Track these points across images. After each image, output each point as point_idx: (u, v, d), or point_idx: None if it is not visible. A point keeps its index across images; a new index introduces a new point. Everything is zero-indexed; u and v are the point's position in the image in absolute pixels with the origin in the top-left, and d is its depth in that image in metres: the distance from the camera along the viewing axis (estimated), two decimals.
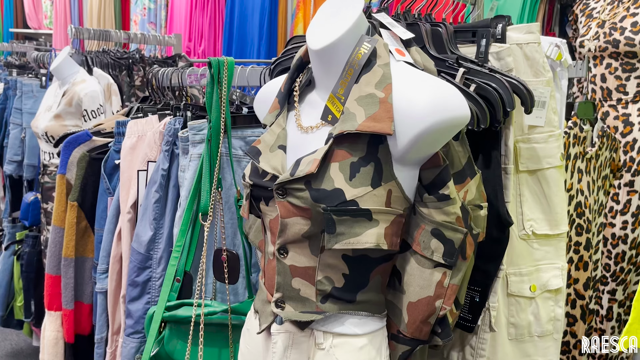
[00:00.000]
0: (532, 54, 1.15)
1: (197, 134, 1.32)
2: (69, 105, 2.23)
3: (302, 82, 1.09)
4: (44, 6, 5.57)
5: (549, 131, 1.17)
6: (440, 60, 1.10)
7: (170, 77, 1.61)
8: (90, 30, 2.42)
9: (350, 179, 0.93)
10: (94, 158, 1.56)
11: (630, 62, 2.01)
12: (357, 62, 0.98)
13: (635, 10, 2.00)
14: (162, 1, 4.15)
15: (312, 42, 1.01)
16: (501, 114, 1.02)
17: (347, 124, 0.94)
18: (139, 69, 2.37)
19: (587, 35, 2.13)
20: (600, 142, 1.63)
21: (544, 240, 1.20)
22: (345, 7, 1.02)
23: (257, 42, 3.25)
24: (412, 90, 0.93)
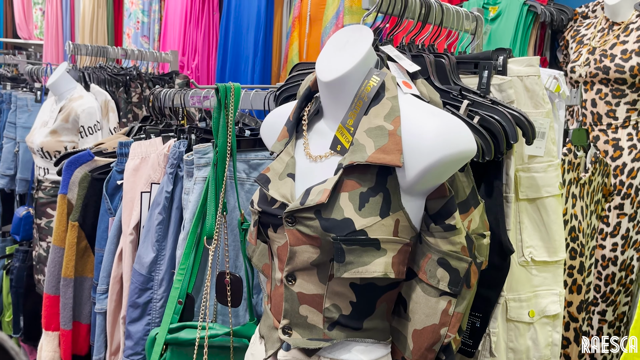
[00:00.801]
0: (532, 86, 1.19)
1: (202, 158, 1.34)
2: (65, 121, 2.23)
3: (310, 111, 1.11)
4: (35, 16, 5.55)
5: (548, 161, 1.20)
6: (444, 91, 1.13)
7: (172, 98, 1.62)
8: (87, 46, 2.42)
9: (360, 208, 0.95)
10: (96, 178, 1.56)
11: (620, 89, 2.07)
12: (366, 94, 1.00)
13: (625, 38, 2.07)
14: (155, 15, 4.16)
15: (322, 74, 1.04)
16: (504, 146, 1.06)
17: (357, 155, 0.96)
18: (137, 86, 2.38)
19: (578, 61, 2.19)
20: (593, 168, 1.67)
21: (543, 267, 1.23)
22: (354, 40, 1.05)
23: (251, 58, 3.27)
24: (421, 123, 0.95)
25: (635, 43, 2.03)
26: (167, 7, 3.92)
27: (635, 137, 2.07)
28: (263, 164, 1.44)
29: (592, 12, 2.33)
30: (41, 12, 5.48)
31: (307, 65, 1.37)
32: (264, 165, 1.44)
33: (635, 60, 2.01)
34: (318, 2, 2.91)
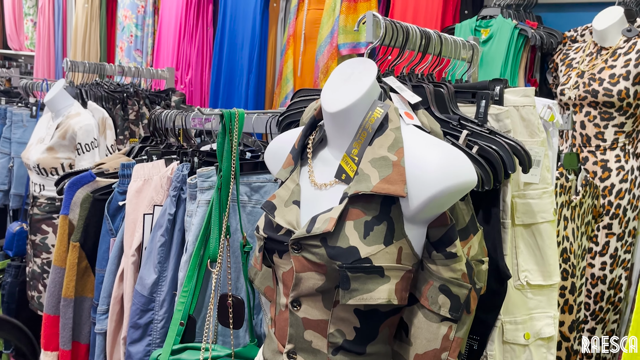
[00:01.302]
0: (528, 116, 1.23)
1: (205, 181, 1.36)
2: (62, 138, 2.24)
3: (315, 139, 1.14)
4: (26, 27, 5.54)
5: (543, 188, 1.25)
6: (444, 121, 1.17)
7: (173, 119, 1.64)
8: (85, 63, 2.44)
9: (365, 237, 0.98)
10: (98, 199, 1.58)
11: (608, 112, 2.13)
12: (370, 125, 1.04)
13: (613, 63, 2.13)
14: (149, 29, 4.18)
15: (328, 104, 1.07)
16: (502, 176, 1.09)
17: (362, 185, 0.99)
18: (133, 103, 2.40)
19: (568, 84, 2.25)
20: (584, 191, 1.72)
21: (537, 290, 1.27)
22: (358, 72, 1.08)
23: (246, 74, 3.31)
24: (423, 155, 0.99)
25: (622, 68, 2.09)
26: (160, 22, 3.94)
27: (622, 159, 2.13)
28: (264, 186, 1.47)
29: (581, 36, 2.40)
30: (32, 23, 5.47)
31: (308, 91, 1.41)
32: (265, 188, 1.47)
33: (623, 85, 2.07)
34: (313, 21, 2.96)
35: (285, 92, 3.08)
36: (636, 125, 2.15)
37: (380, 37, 1.15)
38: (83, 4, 4.45)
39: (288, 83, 3.07)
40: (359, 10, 2.86)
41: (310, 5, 2.97)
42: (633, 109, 2.11)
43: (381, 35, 1.14)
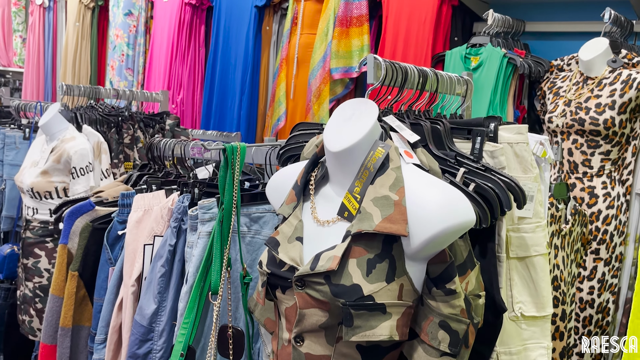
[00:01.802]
0: (521, 152, 1.28)
1: (206, 213, 1.38)
2: (57, 162, 2.24)
3: (317, 176, 1.17)
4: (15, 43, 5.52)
5: (536, 222, 1.29)
6: (442, 159, 1.21)
7: (172, 148, 1.67)
8: (80, 87, 2.45)
9: (367, 274, 1.01)
10: (97, 228, 1.58)
11: (594, 140, 2.20)
12: (372, 165, 1.07)
13: (599, 93, 2.20)
14: (140, 48, 4.20)
15: (331, 144, 1.11)
16: (499, 213, 1.13)
17: (364, 224, 1.02)
18: (128, 127, 2.41)
19: (555, 112, 2.32)
20: (573, 219, 1.77)
21: (531, 322, 1.31)
22: (360, 112, 1.12)
23: (238, 96, 3.34)
24: (424, 195, 1.02)
25: (608, 97, 2.16)
26: (152, 41, 3.97)
27: (609, 186, 2.19)
28: (263, 216, 1.49)
29: (567, 65, 2.47)
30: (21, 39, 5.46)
31: (307, 125, 1.44)
32: (265, 218, 1.50)
33: (609, 114, 2.14)
34: (305, 46, 3.01)
35: (278, 115, 3.12)
36: (621, 153, 2.21)
37: (381, 78, 1.18)
38: (74, 23, 4.47)
39: (281, 105, 3.10)
40: (351, 36, 2.92)
41: (303, 30, 3.02)
42: (618, 137, 2.17)
43: (382, 77, 1.18)
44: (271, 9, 3.34)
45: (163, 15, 3.86)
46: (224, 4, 3.43)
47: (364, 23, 2.91)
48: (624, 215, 2.19)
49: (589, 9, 2.66)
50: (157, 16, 3.93)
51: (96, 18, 4.53)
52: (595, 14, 2.60)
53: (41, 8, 4.75)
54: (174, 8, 3.76)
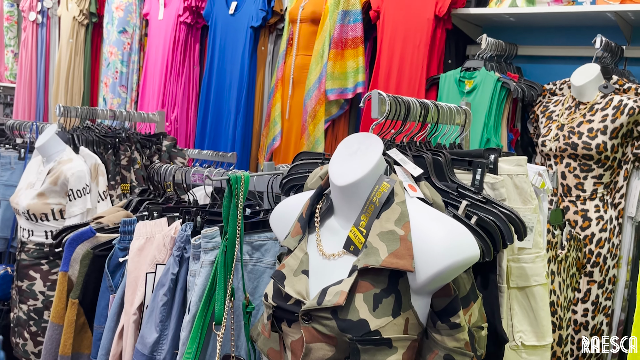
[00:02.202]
0: (521, 184, 1.30)
1: (209, 242, 1.39)
2: (54, 184, 2.24)
3: (322, 209, 1.19)
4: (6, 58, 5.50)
5: (536, 252, 1.31)
6: (444, 191, 1.23)
7: (173, 174, 1.67)
8: (77, 108, 2.46)
9: (374, 309, 1.02)
10: (98, 255, 1.58)
11: (587, 164, 2.24)
12: (377, 199, 1.09)
13: (591, 118, 2.24)
14: (134, 65, 4.21)
15: (336, 178, 1.12)
16: (501, 246, 1.15)
17: (371, 259, 1.04)
18: (126, 149, 2.41)
19: (548, 135, 2.36)
20: (569, 245, 1.80)
21: (532, 350, 1.32)
22: (365, 147, 1.14)
23: (233, 115, 3.35)
24: (429, 230, 1.04)
25: (600, 122, 2.20)
26: (147, 59, 3.98)
27: (602, 209, 2.22)
28: (265, 244, 1.50)
29: (560, 89, 2.51)
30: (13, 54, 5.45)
31: (309, 154, 1.46)
32: (266, 246, 1.51)
33: (601, 139, 2.18)
34: (301, 67, 3.03)
35: (273, 134, 3.13)
36: (613, 177, 2.25)
37: (385, 113, 1.21)
38: (67, 39, 4.47)
39: (276, 125, 3.12)
40: (346, 58, 2.95)
41: (299, 51, 3.04)
42: (610, 161, 2.21)
43: (386, 112, 1.21)
44: (266, 29, 3.37)
45: (158, 33, 3.87)
46: (220, 24, 3.45)
47: (359, 45, 2.95)
48: (616, 238, 2.22)
49: (579, 34, 2.71)
50: (152, 34, 3.94)
51: (90, 35, 4.53)
52: (585, 39, 2.65)
53: (34, 24, 4.75)
54: (169, 26, 3.78)
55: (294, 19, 3.06)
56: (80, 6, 4.42)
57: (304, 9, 3.01)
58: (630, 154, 2.23)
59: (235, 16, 3.37)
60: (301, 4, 3.03)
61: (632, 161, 2.24)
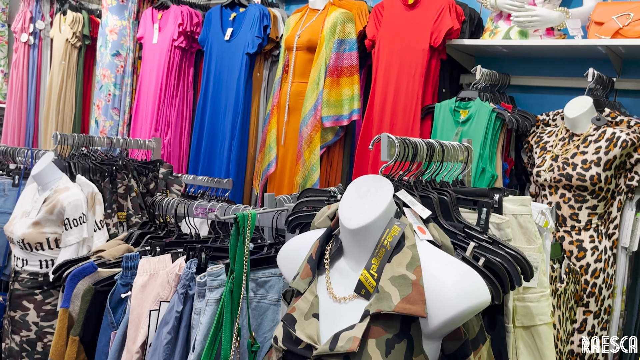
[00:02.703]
0: (525, 224, 1.32)
1: (215, 280, 1.38)
2: (49, 213, 2.22)
3: (331, 250, 1.19)
4: None
5: (541, 292, 1.33)
6: (451, 232, 1.24)
7: (175, 207, 1.67)
8: (74, 136, 2.44)
9: (386, 355, 1.03)
10: (99, 291, 1.57)
11: (581, 194, 2.27)
12: (389, 242, 1.10)
13: (585, 149, 2.28)
14: (127, 88, 4.21)
15: (347, 221, 1.13)
16: (509, 289, 1.17)
17: (383, 304, 1.04)
18: (123, 177, 2.40)
19: (543, 166, 2.39)
20: (568, 278, 1.82)
21: None
22: (375, 189, 1.15)
23: (228, 140, 3.36)
24: (440, 275, 1.05)
25: (593, 154, 2.24)
26: (140, 82, 3.97)
27: (596, 239, 2.25)
28: (269, 281, 1.50)
29: (553, 120, 2.56)
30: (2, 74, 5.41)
31: (314, 191, 1.47)
32: (270, 282, 1.50)
33: (595, 170, 2.22)
34: (297, 94, 3.05)
35: (269, 160, 3.14)
36: (607, 208, 2.29)
37: (395, 156, 1.22)
38: (60, 61, 4.46)
39: (271, 151, 3.13)
40: (342, 85, 2.98)
41: (295, 78, 3.07)
42: (604, 192, 2.25)
43: (395, 155, 1.22)
44: (262, 55, 3.40)
45: (152, 57, 3.88)
46: (215, 50, 3.47)
47: (354, 73, 2.98)
48: (611, 268, 2.25)
49: (571, 66, 2.78)
50: (146, 58, 3.94)
51: (83, 57, 4.53)
52: (577, 71, 2.72)
53: (26, 45, 4.74)
54: (164, 50, 3.79)
55: (290, 46, 3.09)
56: (73, 29, 4.42)
57: (300, 37, 3.04)
58: (623, 185, 2.27)
59: (231, 42, 3.39)
60: (297, 32, 3.07)
61: (625, 192, 2.28)
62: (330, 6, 3.05)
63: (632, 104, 2.64)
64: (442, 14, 2.68)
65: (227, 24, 3.44)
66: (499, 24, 2.70)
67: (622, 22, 2.33)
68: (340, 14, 2.95)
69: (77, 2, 4.70)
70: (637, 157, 2.21)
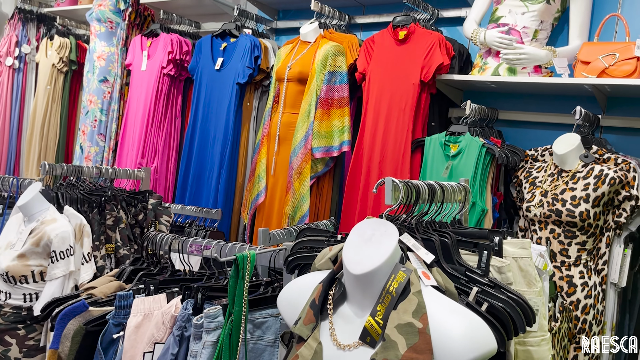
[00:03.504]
0: (526, 267, 1.33)
1: (212, 322, 1.36)
2: (36, 245, 2.17)
3: (335, 295, 1.18)
4: None
5: (541, 335, 1.33)
6: (454, 277, 1.24)
7: (169, 244, 1.64)
8: (63, 166, 2.41)
9: None
10: (90, 331, 1.52)
11: (571, 230, 2.29)
12: (394, 289, 1.09)
13: (574, 186, 2.31)
14: (114, 114, 4.17)
15: (352, 266, 1.12)
16: (512, 335, 1.16)
17: (390, 353, 1.03)
18: (112, 208, 2.36)
19: (533, 201, 2.42)
20: (561, 317, 1.83)
21: None
22: (379, 234, 1.15)
23: (217, 168, 3.34)
24: (447, 323, 1.05)
25: (582, 191, 2.28)
26: (127, 108, 3.95)
27: (586, 275, 2.27)
28: (266, 321, 1.47)
29: (541, 156, 2.60)
30: None
31: (313, 231, 1.46)
32: (267, 323, 1.48)
33: (584, 207, 2.25)
34: (287, 124, 3.06)
35: (258, 190, 3.13)
36: (596, 244, 2.31)
37: (400, 199, 1.22)
38: (45, 86, 4.42)
39: (261, 181, 3.12)
40: (332, 117, 3.00)
41: (285, 109, 3.08)
42: (593, 228, 2.28)
43: (400, 198, 1.22)
44: (252, 85, 3.41)
45: (140, 84, 3.86)
46: (205, 79, 3.47)
47: (344, 105, 3.00)
48: (601, 304, 2.27)
49: (558, 102, 2.84)
50: (134, 84, 3.92)
51: (69, 82, 4.50)
52: (563, 107, 2.78)
53: (11, 69, 4.69)
54: (152, 78, 3.78)
55: (281, 77, 3.11)
56: (60, 54, 4.39)
57: (291, 69, 3.06)
58: (612, 221, 2.30)
59: (221, 72, 3.40)
60: (288, 64, 3.09)
61: (614, 229, 2.31)
62: (322, 39, 3.08)
63: (617, 141, 2.70)
64: (433, 49, 2.73)
65: (218, 54, 3.45)
66: (488, 60, 2.76)
67: (608, 62, 2.40)
68: (332, 47, 2.98)
69: (65, 27, 4.69)
70: (625, 194, 2.25)
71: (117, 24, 4.15)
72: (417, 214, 1.33)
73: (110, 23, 4.12)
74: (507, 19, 2.71)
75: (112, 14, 4.12)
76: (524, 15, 2.68)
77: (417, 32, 2.82)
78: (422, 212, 1.34)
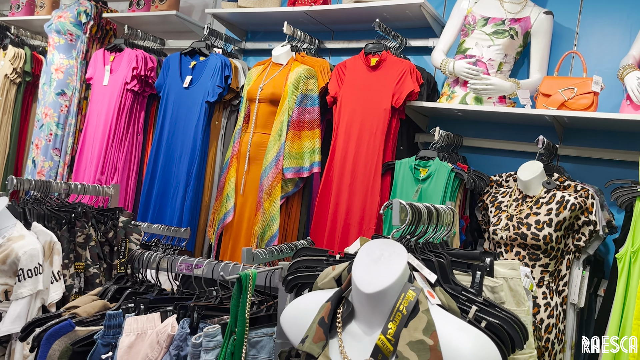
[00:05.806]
0: (515, 287, 1.40)
1: (211, 341, 1.35)
2: (2, 263, 2.07)
3: (343, 313, 1.20)
4: None
5: (529, 353, 1.40)
6: (454, 296, 1.29)
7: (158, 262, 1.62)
8: (31, 181, 2.32)
9: None
10: (77, 352, 1.47)
11: (535, 253, 2.42)
12: (405, 307, 1.13)
13: (537, 210, 2.44)
14: (70, 129, 4.04)
15: (363, 285, 1.15)
16: (511, 351, 1.22)
17: None
18: (82, 225, 2.29)
19: (499, 225, 2.53)
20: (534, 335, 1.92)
21: None
22: (389, 254, 1.19)
23: (182, 187, 3.29)
24: (456, 340, 1.10)
25: (545, 215, 2.41)
26: (87, 123, 3.84)
27: (548, 296, 2.39)
28: (261, 341, 1.48)
29: (506, 182, 2.73)
30: None
31: (311, 251, 1.48)
32: (262, 343, 1.48)
33: (547, 231, 2.38)
34: (258, 144, 3.07)
35: (226, 209, 3.11)
36: (557, 266, 2.45)
37: (407, 221, 1.27)
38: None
39: (229, 200, 3.11)
40: (303, 139, 3.04)
41: (256, 129, 3.09)
42: (555, 251, 2.41)
43: (408, 220, 1.27)
44: (221, 104, 3.41)
45: (101, 99, 3.78)
46: (172, 97, 3.44)
47: (315, 127, 3.05)
48: (562, 323, 2.39)
49: (519, 131, 3.00)
50: (94, 99, 3.83)
51: (22, 94, 4.34)
52: (525, 136, 2.95)
53: None
54: (115, 93, 3.71)
55: (252, 98, 3.13)
56: (14, 64, 4.24)
57: (262, 90, 3.09)
58: (572, 245, 2.44)
59: (190, 90, 3.38)
60: (260, 85, 3.11)
61: (573, 252, 2.45)
62: (294, 62, 3.13)
63: (572, 169, 2.88)
64: (404, 77, 2.83)
65: (187, 72, 3.43)
66: (456, 89, 2.89)
67: (567, 96, 2.57)
68: (304, 70, 3.03)
69: (19, 37, 4.53)
70: (584, 220, 2.40)
71: (77, 37, 4.05)
72: (417, 235, 1.38)
73: (70, 35, 4.03)
74: (474, 51, 2.86)
75: (72, 26, 4.02)
76: (490, 48, 2.83)
77: (388, 60, 2.92)
78: (420, 234, 1.39)
